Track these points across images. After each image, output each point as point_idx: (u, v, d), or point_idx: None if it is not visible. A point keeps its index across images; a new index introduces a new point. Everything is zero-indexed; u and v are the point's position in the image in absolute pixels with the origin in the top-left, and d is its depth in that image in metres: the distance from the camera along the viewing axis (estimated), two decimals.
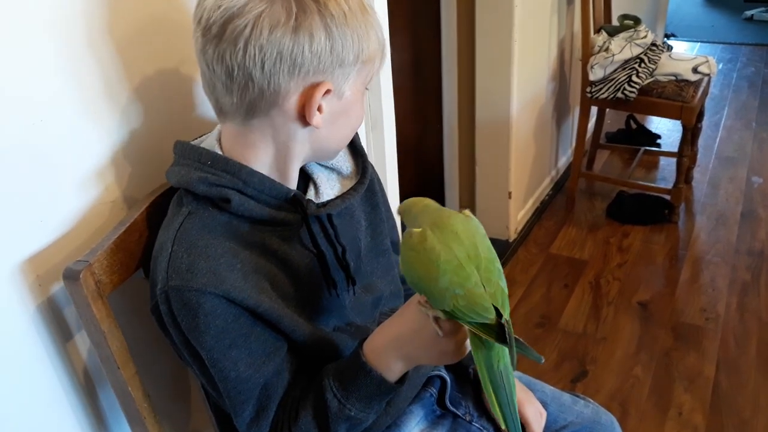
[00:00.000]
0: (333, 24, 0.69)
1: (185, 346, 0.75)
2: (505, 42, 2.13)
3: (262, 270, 0.76)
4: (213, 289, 0.71)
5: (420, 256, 0.69)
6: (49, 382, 0.82)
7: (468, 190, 2.52)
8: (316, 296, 0.82)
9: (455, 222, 0.71)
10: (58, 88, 0.76)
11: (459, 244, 0.69)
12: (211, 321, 0.72)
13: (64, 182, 0.79)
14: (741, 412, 1.71)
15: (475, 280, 0.69)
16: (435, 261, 0.68)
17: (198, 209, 0.75)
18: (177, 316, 0.72)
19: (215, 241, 0.74)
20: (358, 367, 0.76)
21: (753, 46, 4.49)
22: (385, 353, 0.76)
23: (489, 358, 0.71)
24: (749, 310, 2.08)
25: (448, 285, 0.68)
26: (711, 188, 2.79)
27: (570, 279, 2.28)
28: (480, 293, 0.69)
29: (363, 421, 0.78)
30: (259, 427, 0.78)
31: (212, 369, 0.75)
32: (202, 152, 0.77)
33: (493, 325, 0.69)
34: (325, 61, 0.70)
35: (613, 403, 1.76)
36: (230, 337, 0.73)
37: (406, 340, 0.75)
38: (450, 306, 0.69)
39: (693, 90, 2.33)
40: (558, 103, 2.72)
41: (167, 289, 0.72)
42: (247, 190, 0.75)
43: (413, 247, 0.70)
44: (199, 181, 0.74)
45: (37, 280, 0.78)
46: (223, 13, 0.68)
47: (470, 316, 0.69)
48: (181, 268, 0.71)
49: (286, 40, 0.68)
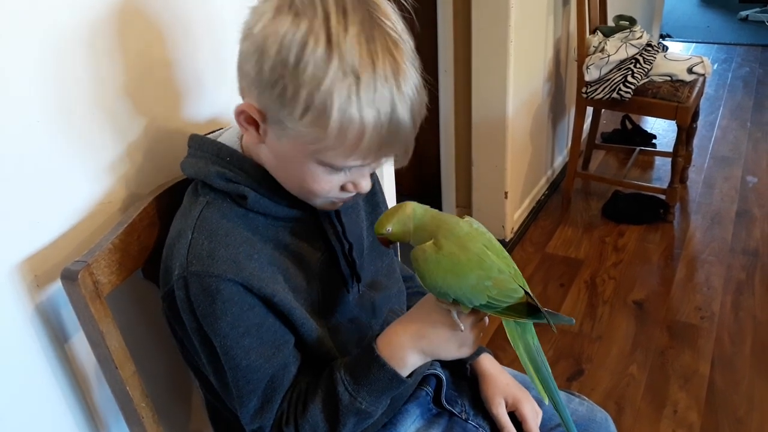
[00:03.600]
0: (279, 61, 0.65)
1: (197, 334, 0.76)
2: (501, 42, 2.14)
3: (276, 263, 0.78)
4: (233, 276, 0.72)
5: (442, 264, 0.72)
6: (46, 382, 0.83)
7: (464, 190, 2.53)
8: (324, 291, 0.84)
9: (462, 225, 0.74)
10: (54, 89, 0.76)
11: (472, 241, 0.73)
12: (228, 308, 0.73)
13: (62, 183, 0.80)
14: (736, 410, 1.72)
15: (498, 267, 0.73)
16: (458, 263, 0.71)
17: (216, 200, 0.77)
18: (194, 302, 0.73)
19: (234, 230, 0.75)
20: (371, 361, 0.78)
21: (748, 47, 4.51)
22: (401, 348, 0.78)
23: (525, 338, 0.77)
24: (744, 309, 2.09)
25: (477, 280, 0.72)
26: (706, 188, 2.80)
27: (566, 278, 2.29)
28: (505, 278, 0.73)
29: (372, 414, 0.80)
30: (262, 419, 0.79)
31: (224, 357, 0.75)
32: (222, 147, 0.79)
33: (522, 304, 0.74)
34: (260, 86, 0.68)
35: (609, 401, 1.77)
36: (244, 326, 0.74)
37: (426, 335, 0.77)
38: (485, 299, 0.72)
39: (688, 90, 2.34)
40: (554, 103, 2.72)
41: (186, 275, 0.72)
42: (260, 190, 0.77)
43: (431, 259, 0.72)
44: (217, 175, 0.76)
45: (35, 281, 0.78)
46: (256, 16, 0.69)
47: (505, 302, 0.73)
48: (202, 254, 0.73)
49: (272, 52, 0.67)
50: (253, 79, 0.69)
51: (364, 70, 0.64)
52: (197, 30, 0.94)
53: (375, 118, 0.66)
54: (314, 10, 0.65)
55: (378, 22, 0.66)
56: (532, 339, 0.77)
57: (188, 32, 0.92)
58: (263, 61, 0.66)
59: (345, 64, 0.64)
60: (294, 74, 0.65)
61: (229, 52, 0.74)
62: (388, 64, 0.66)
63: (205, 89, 0.97)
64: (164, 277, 0.77)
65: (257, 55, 0.67)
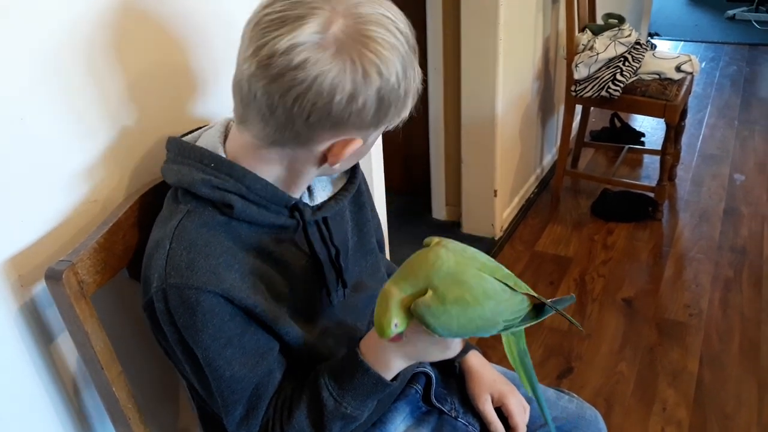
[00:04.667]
0: (386, 92, 0.69)
1: (179, 345, 0.75)
2: (490, 41, 2.14)
3: (258, 271, 0.77)
4: (213, 288, 0.71)
5: (451, 313, 0.70)
6: (31, 383, 0.82)
7: (454, 189, 2.53)
8: (308, 297, 0.83)
9: (444, 259, 0.71)
10: (39, 86, 0.75)
11: (465, 273, 0.71)
12: (209, 320, 0.72)
13: (46, 181, 0.79)
14: (724, 406, 1.73)
15: (501, 288, 0.72)
16: (466, 304, 0.70)
17: (197, 208, 0.75)
18: (174, 314, 0.72)
19: (214, 240, 0.74)
20: (355, 366, 0.77)
21: (735, 45, 4.54)
22: (384, 352, 0.77)
23: (518, 344, 0.77)
24: (732, 306, 2.10)
25: (490, 313, 0.71)
26: (694, 186, 2.82)
27: (555, 276, 2.29)
28: (509, 296, 0.72)
29: (357, 419, 0.79)
30: (248, 426, 0.78)
31: (207, 368, 0.74)
32: (204, 153, 0.76)
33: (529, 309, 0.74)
34: (366, 122, 0.70)
35: (599, 398, 1.77)
36: (226, 336, 0.73)
37: (409, 340, 0.76)
38: (501, 326, 0.72)
39: (676, 88, 2.35)
40: (543, 101, 2.73)
41: (165, 287, 0.71)
42: (249, 195, 0.75)
43: (438, 312, 0.70)
44: (202, 183, 0.74)
45: (19, 281, 0.78)
46: (287, 60, 0.65)
47: (519, 317, 0.73)
48: (181, 265, 0.71)
49: (339, 106, 0.67)
50: (351, 118, 0.69)
51: (411, 78, 0.72)
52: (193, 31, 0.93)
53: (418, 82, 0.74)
54: (353, 42, 0.66)
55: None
56: (523, 343, 0.78)
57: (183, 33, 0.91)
58: (362, 111, 0.69)
59: (408, 84, 0.72)
60: (400, 93, 0.71)
61: (221, 54, 0.73)
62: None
63: (193, 92, 0.96)
64: (143, 287, 0.76)
65: (356, 108, 0.69)
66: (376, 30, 0.66)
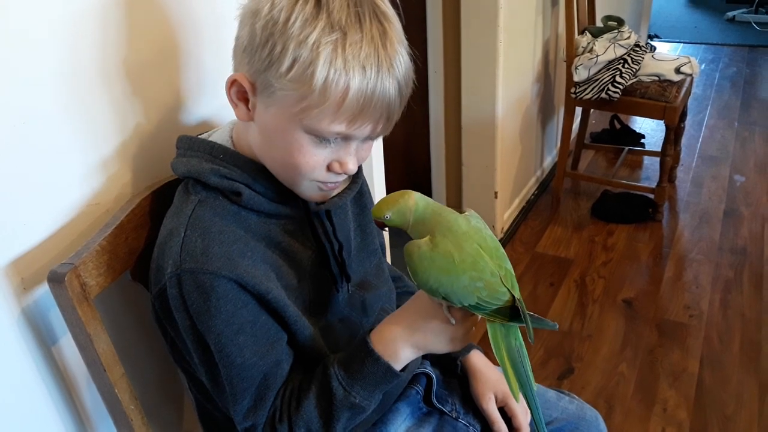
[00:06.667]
0: (264, 25, 0.68)
1: (190, 333, 0.75)
2: (490, 43, 2.14)
3: (269, 260, 0.78)
4: (227, 273, 0.72)
5: (435, 262, 0.72)
6: (34, 386, 0.82)
7: (455, 190, 2.53)
8: (315, 290, 0.84)
9: (460, 223, 0.74)
10: (41, 90, 0.76)
11: (468, 240, 0.73)
12: (222, 305, 0.73)
13: (49, 184, 0.79)
14: (724, 407, 1.74)
15: (490, 270, 0.73)
16: (452, 262, 0.72)
17: (208, 198, 0.77)
18: (187, 300, 0.73)
19: (227, 228, 0.76)
20: (365, 355, 0.78)
21: (735, 47, 4.54)
22: (394, 342, 0.79)
23: (507, 338, 0.77)
24: (732, 307, 2.10)
25: (469, 281, 0.72)
26: (694, 187, 2.82)
27: (556, 277, 2.29)
28: (496, 281, 0.73)
29: (365, 409, 0.80)
30: (255, 416, 0.79)
31: (218, 355, 0.75)
32: (214, 146, 0.79)
33: (507, 307, 0.74)
34: (249, 59, 0.71)
35: (599, 399, 1.78)
36: (238, 323, 0.74)
37: (418, 329, 0.78)
38: (474, 300, 0.73)
39: (676, 90, 2.36)
40: (543, 103, 2.73)
41: (180, 272, 0.72)
42: (255, 186, 0.78)
43: (425, 256, 0.72)
44: (211, 172, 0.76)
45: (22, 283, 0.78)
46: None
47: (493, 304, 0.73)
48: (196, 251, 0.72)
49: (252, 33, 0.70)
50: (246, 44, 0.71)
51: (350, 28, 0.67)
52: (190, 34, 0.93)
53: (360, 75, 0.68)
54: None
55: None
56: (515, 340, 0.77)
57: (182, 36, 0.92)
58: (255, 21, 0.69)
59: (332, 20, 0.67)
60: (283, 30, 0.67)
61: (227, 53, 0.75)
62: (375, 28, 0.69)
63: (196, 94, 0.97)
64: (156, 276, 0.77)
65: (251, 19, 0.70)
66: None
